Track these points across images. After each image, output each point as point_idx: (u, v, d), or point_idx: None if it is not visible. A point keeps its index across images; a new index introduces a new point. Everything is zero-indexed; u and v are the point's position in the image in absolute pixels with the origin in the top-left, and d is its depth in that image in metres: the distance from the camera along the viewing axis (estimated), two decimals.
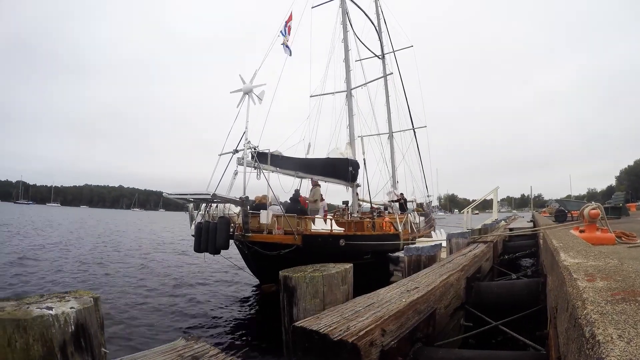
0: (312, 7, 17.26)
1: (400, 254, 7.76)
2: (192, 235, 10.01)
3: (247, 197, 9.18)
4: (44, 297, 1.95)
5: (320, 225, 11.13)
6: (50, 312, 1.66)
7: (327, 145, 17.13)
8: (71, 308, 1.74)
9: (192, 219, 10.87)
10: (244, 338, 6.82)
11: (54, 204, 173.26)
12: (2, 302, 1.85)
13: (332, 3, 17.62)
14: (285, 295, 2.84)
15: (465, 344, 3.90)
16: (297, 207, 11.56)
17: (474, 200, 24.61)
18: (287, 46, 13.86)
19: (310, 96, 17.99)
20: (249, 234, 9.02)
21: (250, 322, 7.94)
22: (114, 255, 18.11)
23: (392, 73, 22.25)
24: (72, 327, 1.70)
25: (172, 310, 8.38)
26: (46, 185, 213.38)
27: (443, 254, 6.53)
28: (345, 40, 16.77)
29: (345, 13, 16.78)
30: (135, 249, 21.25)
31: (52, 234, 27.04)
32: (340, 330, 2.04)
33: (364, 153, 14.90)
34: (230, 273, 12.96)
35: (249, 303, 9.50)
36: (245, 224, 9.00)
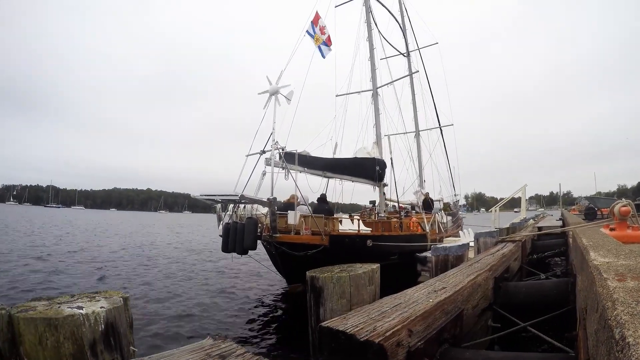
0: (336, 7, 17.26)
1: (428, 254, 7.73)
2: (220, 236, 10.07)
3: (274, 198, 9.21)
4: (75, 297, 2.02)
5: (348, 225, 11.12)
6: (81, 311, 1.73)
7: (353, 144, 17.14)
8: (101, 308, 1.80)
9: (220, 219, 11.06)
10: (271, 338, 6.89)
11: (78, 207, 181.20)
12: (34, 301, 1.93)
13: (355, 1, 17.53)
14: (312, 296, 2.85)
15: (493, 345, 3.86)
16: (325, 207, 11.56)
17: (501, 199, 24.24)
18: (324, 44, 13.92)
19: (336, 95, 17.99)
20: (277, 235, 9.06)
21: (277, 322, 8.01)
22: (142, 255, 18.63)
23: (417, 71, 22.05)
24: (102, 326, 1.75)
25: (199, 310, 8.53)
26: (75, 189, 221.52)
27: (471, 254, 6.47)
28: (369, 38, 16.68)
29: (369, 11, 16.69)
30: (163, 249, 21.84)
31: (76, 236, 28.03)
32: (367, 331, 2.04)
33: (391, 152, 14.83)
34: (258, 273, 13.14)
35: (276, 303, 9.59)
36: (273, 225, 9.04)
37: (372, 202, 15.20)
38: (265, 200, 9.10)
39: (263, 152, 10.43)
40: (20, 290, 10.19)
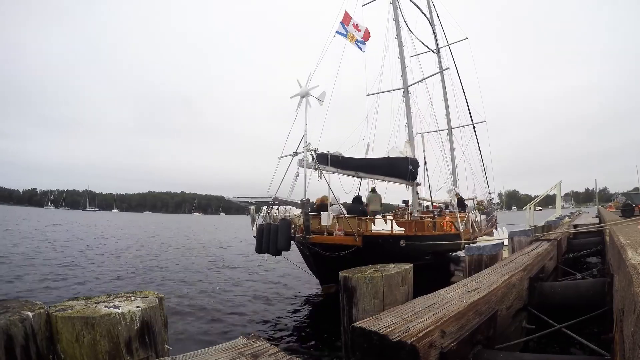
0: (363, 5, 17.35)
1: (461, 253, 7.70)
2: (254, 237, 10.37)
3: (307, 199, 9.46)
4: (112, 296, 2.11)
5: (381, 225, 11.19)
6: (117, 310, 1.80)
7: (385, 144, 17.23)
8: (137, 307, 1.88)
9: (253, 221, 11.28)
10: (304, 338, 6.99)
11: (116, 210, 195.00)
12: (72, 301, 2.03)
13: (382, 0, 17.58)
14: (345, 296, 2.87)
15: (527, 347, 3.82)
16: (359, 208, 11.67)
17: (536, 197, 23.81)
18: (360, 42, 14.13)
19: (367, 95, 18.11)
20: (310, 236, 9.21)
21: (309, 322, 8.13)
22: (176, 255, 19.25)
23: (448, 68, 21.79)
24: (138, 324, 1.83)
25: (233, 310, 8.74)
26: (111, 193, 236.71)
27: (505, 253, 6.39)
28: (398, 36, 16.76)
29: (397, 8, 16.70)
30: (197, 249, 22.45)
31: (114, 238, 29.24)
32: (400, 331, 2.04)
33: (424, 151, 14.82)
34: (291, 274, 13.36)
35: (309, 303, 9.73)
36: (306, 226, 9.20)
37: (405, 202, 15.25)
38: (298, 201, 9.28)
39: (296, 153, 10.69)
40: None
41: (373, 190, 14.36)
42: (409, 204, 15.26)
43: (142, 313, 1.86)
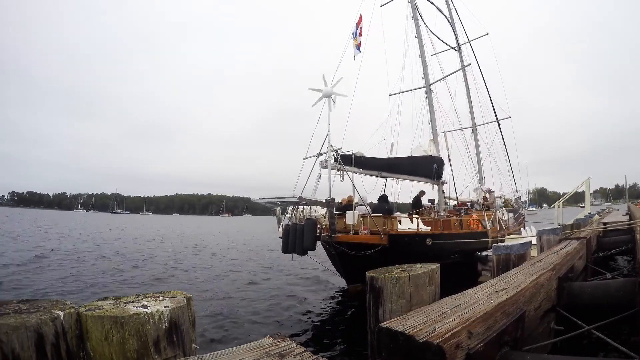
0: (381, 6, 17.43)
1: (489, 252, 7.69)
2: (280, 237, 10.66)
3: (332, 199, 9.59)
4: (140, 296, 2.19)
5: (407, 224, 11.23)
6: (146, 310, 1.87)
7: (409, 143, 17.37)
8: (165, 307, 1.94)
9: (279, 221, 11.62)
10: (330, 338, 7.09)
11: (146, 213, 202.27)
12: (101, 301, 2.11)
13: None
14: (372, 296, 2.89)
15: (556, 349, 3.79)
16: (384, 207, 11.76)
17: (564, 194, 23.46)
18: (357, 47, 14.14)
19: (390, 95, 18.26)
20: (336, 235, 9.33)
21: (335, 322, 8.24)
22: (206, 256, 19.80)
23: (470, 64, 21.69)
24: (166, 324, 1.89)
25: (260, 310, 8.93)
26: (139, 196, 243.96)
27: (533, 252, 6.35)
28: (418, 35, 16.82)
29: (414, 7, 16.75)
30: (224, 250, 23.01)
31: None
32: (426, 332, 2.04)
33: (448, 149, 15.30)
34: (317, 274, 13.57)
35: (335, 303, 9.88)
36: (332, 225, 9.32)
37: (431, 201, 15.27)
38: (324, 201, 9.40)
39: (319, 154, 10.88)
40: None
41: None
42: (435, 202, 15.23)
43: (170, 313, 1.92)
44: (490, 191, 18.60)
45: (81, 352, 1.91)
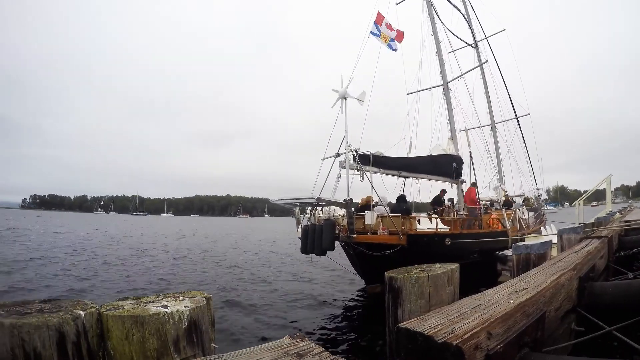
0: (396, 4, 17.59)
1: (508, 252, 7.69)
2: (299, 238, 10.78)
3: (351, 199, 9.73)
4: (160, 296, 2.25)
5: (426, 224, 11.37)
6: (166, 310, 1.92)
7: (428, 142, 17.53)
8: (185, 307, 1.99)
9: (298, 222, 11.78)
10: (348, 338, 7.15)
11: (167, 214, 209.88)
12: (122, 300, 2.17)
13: None
14: (391, 296, 2.90)
15: (576, 350, 3.77)
16: (403, 207, 11.83)
17: (585, 192, 23.16)
18: (392, 41, 14.46)
19: (407, 94, 18.35)
20: (354, 235, 9.45)
21: (354, 322, 8.30)
22: (225, 256, 20.11)
23: (487, 61, 21.61)
24: (186, 323, 1.95)
25: (278, 310, 9.04)
26: (159, 198, 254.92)
27: (554, 252, 6.32)
28: (434, 33, 16.88)
29: (430, 5, 16.79)
30: (243, 251, 23.36)
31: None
32: (445, 333, 2.05)
33: (469, 146, 15.20)
34: (336, 274, 13.69)
35: (354, 303, 9.95)
36: (350, 225, 9.47)
37: (450, 200, 15.30)
38: (342, 201, 9.52)
39: (338, 155, 11.00)
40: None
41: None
42: (454, 202, 15.27)
43: (190, 312, 1.97)
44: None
45: (101, 350, 1.97)
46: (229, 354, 1.78)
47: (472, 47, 21.43)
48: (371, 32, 14.16)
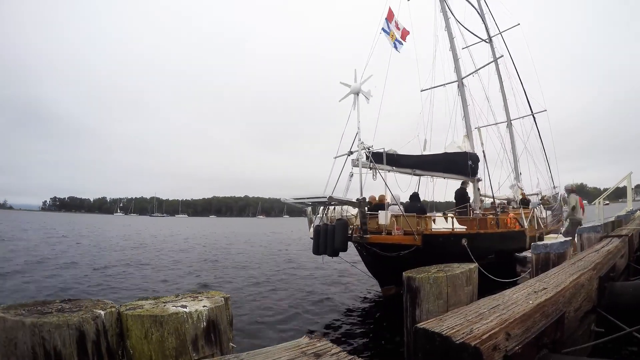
0: (408, 0, 17.29)
1: (527, 254, 7.65)
2: (311, 238, 10.62)
3: (364, 198, 9.55)
4: (179, 296, 2.29)
5: (441, 224, 11.06)
6: (185, 309, 1.96)
7: (443, 139, 17.36)
8: (204, 307, 2.03)
9: (310, 222, 11.73)
10: (365, 338, 7.18)
11: (181, 215, 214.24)
12: (141, 300, 2.22)
13: None
14: (409, 297, 2.91)
15: (596, 351, 3.75)
16: (417, 205, 11.66)
17: (605, 189, 22.86)
18: (397, 41, 14.43)
19: (421, 90, 18.32)
20: (367, 236, 9.31)
21: (370, 323, 8.32)
22: (243, 257, 20.43)
23: (502, 56, 21.26)
24: (204, 323, 1.99)
25: (295, 311, 9.09)
26: (177, 199, 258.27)
27: (572, 252, 6.30)
28: (448, 28, 16.72)
29: (443, 0, 16.67)
30: (259, 251, 23.68)
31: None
32: (463, 333, 2.06)
33: (482, 145, 15.11)
34: (349, 275, 13.78)
35: (369, 304, 9.95)
36: (363, 225, 9.32)
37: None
38: (355, 200, 9.41)
39: (350, 153, 10.87)
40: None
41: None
42: (471, 201, 14.92)
43: (209, 312, 2.01)
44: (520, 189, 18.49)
45: (121, 349, 2.02)
46: (247, 353, 1.82)
47: (487, 42, 21.05)
48: (382, 29, 14.18)
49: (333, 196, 9.45)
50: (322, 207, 11.01)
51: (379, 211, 10.31)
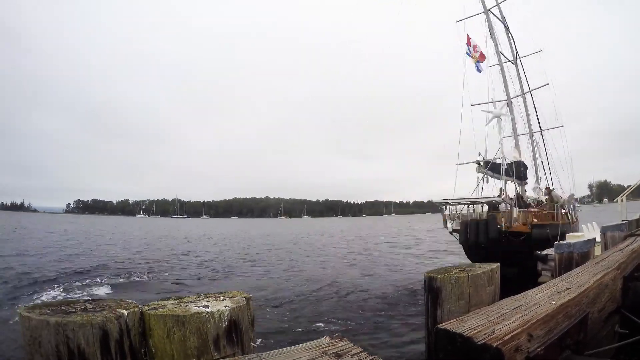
0: (456, 22, 19.74)
1: (549, 251, 8.21)
2: (450, 233, 14.70)
3: (510, 198, 13.81)
4: (201, 296, 2.34)
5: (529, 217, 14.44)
6: (207, 309, 2.00)
7: (492, 149, 19.70)
8: (225, 307, 2.07)
9: (450, 218, 14.99)
10: (387, 338, 7.24)
11: (205, 217, 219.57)
12: (164, 300, 2.27)
13: (476, 16, 19.93)
14: (430, 297, 2.91)
15: (620, 353, 3.72)
16: (522, 203, 15.33)
17: (629, 186, 22.58)
18: (478, 62, 17.65)
19: (471, 105, 19.88)
20: (509, 226, 12.81)
21: (393, 322, 8.38)
22: (269, 257, 20.83)
23: (547, 84, 22.16)
24: (226, 323, 2.02)
25: (319, 310, 9.17)
26: (199, 201, 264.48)
27: (597, 250, 6.26)
28: (497, 53, 19.52)
29: (491, 26, 19.33)
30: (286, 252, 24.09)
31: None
32: (485, 334, 2.07)
33: (519, 155, 19.13)
34: (375, 273, 14.29)
35: (394, 303, 10.15)
36: (510, 218, 12.92)
37: (512, 198, 17.87)
38: (509, 200, 13.65)
39: (478, 162, 15.53)
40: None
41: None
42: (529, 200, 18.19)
43: (230, 312, 2.05)
44: (550, 189, 19.13)
45: (143, 348, 2.07)
46: (268, 352, 1.85)
47: (513, 63, 21.87)
48: (466, 53, 17.50)
49: (502, 197, 13.90)
50: (466, 206, 14.54)
51: (508, 207, 13.82)
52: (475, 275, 2.89)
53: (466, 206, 14.43)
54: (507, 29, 21.83)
